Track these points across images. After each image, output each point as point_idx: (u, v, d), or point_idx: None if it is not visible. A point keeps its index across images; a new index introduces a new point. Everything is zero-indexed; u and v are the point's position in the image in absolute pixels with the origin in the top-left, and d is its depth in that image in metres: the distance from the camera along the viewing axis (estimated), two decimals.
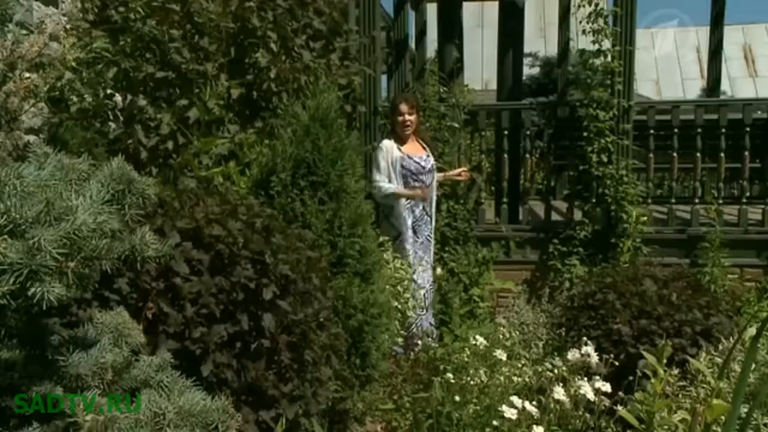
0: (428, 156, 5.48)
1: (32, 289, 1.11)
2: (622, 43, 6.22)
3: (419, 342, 5.33)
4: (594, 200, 6.28)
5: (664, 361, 1.86)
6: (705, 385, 2.53)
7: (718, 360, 2.68)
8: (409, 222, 5.39)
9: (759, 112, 6.98)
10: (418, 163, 5.37)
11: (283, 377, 2.65)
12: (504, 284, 6.15)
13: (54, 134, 4.98)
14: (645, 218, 6.01)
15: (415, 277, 5.21)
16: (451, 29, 7.52)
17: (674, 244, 6.35)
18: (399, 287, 4.80)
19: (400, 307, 4.77)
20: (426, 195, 5.40)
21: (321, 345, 2.79)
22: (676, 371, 2.69)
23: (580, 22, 6.34)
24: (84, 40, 5.09)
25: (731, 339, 2.77)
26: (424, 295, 5.40)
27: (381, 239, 4.57)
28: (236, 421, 1.46)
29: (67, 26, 5.32)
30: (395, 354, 4.71)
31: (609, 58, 6.22)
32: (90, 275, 1.26)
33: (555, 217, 6.79)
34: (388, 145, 5.41)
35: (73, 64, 4.57)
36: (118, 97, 5.38)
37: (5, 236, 1.10)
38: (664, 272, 4.13)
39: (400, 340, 4.64)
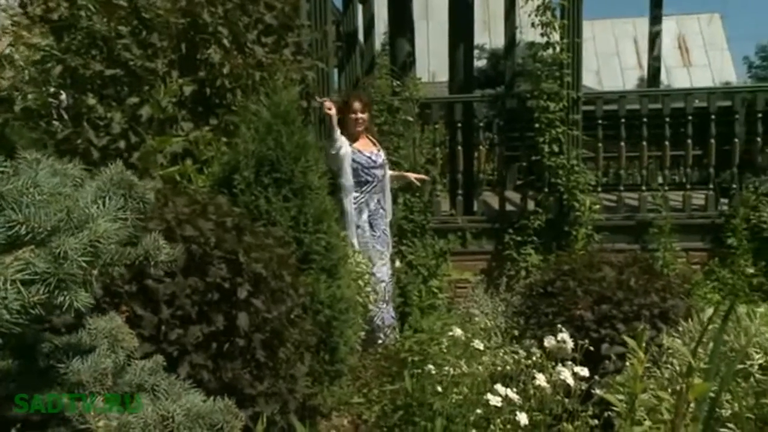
0: (379, 151, 5.49)
1: (59, 298, 1.10)
2: (569, 35, 6.36)
3: (382, 335, 5.38)
4: (546, 190, 6.42)
5: (643, 344, 1.94)
6: (669, 366, 2.63)
7: (679, 341, 2.79)
8: (365, 216, 5.40)
9: (697, 101, 7.21)
10: (369, 157, 5.37)
11: (258, 376, 2.65)
12: (462, 275, 6.24)
13: (0, 135, 4.83)
14: (597, 206, 6.17)
15: (374, 270, 5.25)
16: (402, 22, 7.55)
17: (623, 231, 6.54)
18: (360, 281, 4.82)
19: (361, 301, 4.80)
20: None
21: (294, 342, 2.79)
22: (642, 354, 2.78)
23: (529, 15, 6.46)
24: (27, 38, 4.96)
25: (690, 321, 2.89)
26: (384, 288, 5.43)
27: (341, 233, 4.58)
28: (240, 420, 1.46)
29: (7, 22, 5.16)
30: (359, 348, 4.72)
31: (558, 50, 6.34)
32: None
33: (496, 206, 6.90)
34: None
35: (22, 63, 4.43)
36: (63, 96, 5.25)
37: (32, 246, 1.08)
38: (618, 258, 4.25)
39: (362, 333, 4.65)
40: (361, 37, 7.96)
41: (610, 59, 23.48)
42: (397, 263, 6.00)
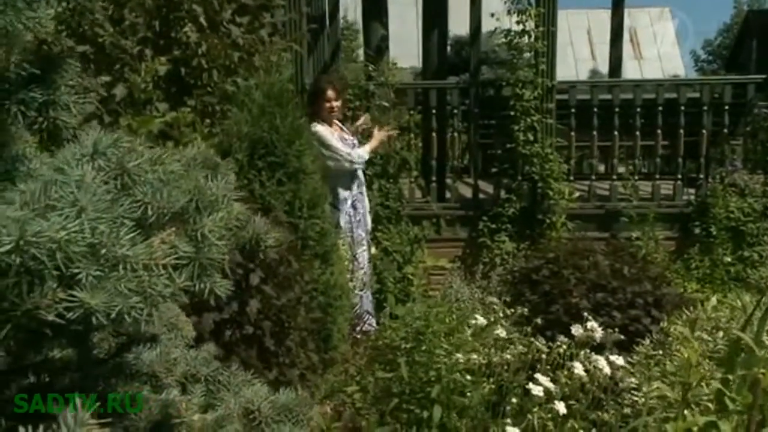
0: (353, 136, 5.41)
1: (200, 285, 1.01)
2: (545, 23, 6.37)
3: (360, 322, 5.33)
4: (520, 178, 6.43)
5: (696, 333, 1.94)
6: (677, 354, 2.65)
7: (681, 329, 2.81)
8: (350, 201, 5.31)
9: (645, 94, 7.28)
10: (351, 142, 5.32)
11: (267, 364, 2.58)
12: (437, 262, 6.22)
13: None
14: (577, 194, 6.23)
15: (355, 256, 5.19)
16: (377, 6, 7.46)
17: (593, 219, 6.62)
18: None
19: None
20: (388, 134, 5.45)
21: (303, 328, 2.73)
22: (647, 342, 2.81)
23: (505, 2, 6.46)
24: None
25: (694, 309, 2.92)
26: (364, 274, 5.37)
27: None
28: (314, 411, 1.39)
29: None
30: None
31: (533, 39, 6.36)
32: None
33: (469, 193, 6.91)
34: (321, 128, 5.27)
35: None
36: None
37: (173, 228, 0.98)
38: (601, 246, 4.29)
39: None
40: (328, 19, 7.84)
41: (564, 50, 23.77)
42: (373, 250, 5.94)
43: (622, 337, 2.91)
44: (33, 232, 0.80)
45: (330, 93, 5.25)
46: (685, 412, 1.78)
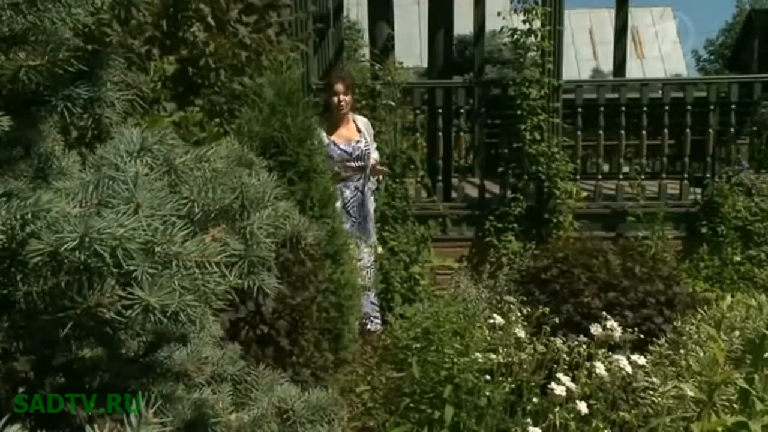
0: (358, 141, 5.27)
1: (248, 282, 1.01)
2: (552, 23, 6.36)
3: (367, 322, 5.32)
4: (526, 177, 6.42)
5: (722, 331, 1.93)
6: (693, 353, 2.64)
7: (706, 328, 2.80)
8: (338, 204, 5.26)
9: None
10: (344, 151, 5.18)
11: (282, 363, 2.57)
12: (444, 261, 6.21)
13: None
14: (585, 194, 6.22)
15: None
16: (383, 5, 7.45)
17: (599, 219, 6.61)
18: None
19: None
20: (345, 174, 5.15)
21: (317, 328, 2.72)
22: (662, 341, 2.80)
23: (511, 1, 6.45)
24: None
25: (708, 308, 2.92)
26: (366, 274, 5.35)
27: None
28: (345, 411, 1.39)
29: None
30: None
31: (540, 38, 6.35)
32: None
33: (475, 193, 6.90)
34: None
35: None
36: None
37: (223, 225, 0.98)
38: (610, 246, 4.28)
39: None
40: (334, 18, 7.83)
41: (566, 50, 23.75)
42: (380, 249, 5.93)
43: (641, 336, 2.90)
44: (96, 229, 0.80)
45: (338, 86, 5.23)
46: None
